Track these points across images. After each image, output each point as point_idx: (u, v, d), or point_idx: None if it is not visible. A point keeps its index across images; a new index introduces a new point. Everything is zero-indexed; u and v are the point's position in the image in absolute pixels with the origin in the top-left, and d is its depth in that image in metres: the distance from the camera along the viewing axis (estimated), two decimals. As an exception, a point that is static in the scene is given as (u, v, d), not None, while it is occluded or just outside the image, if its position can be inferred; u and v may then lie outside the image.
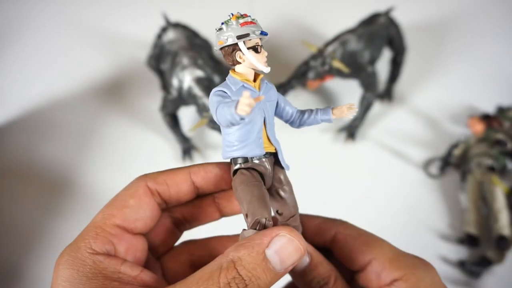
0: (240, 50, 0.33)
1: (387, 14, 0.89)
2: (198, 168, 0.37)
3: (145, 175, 0.36)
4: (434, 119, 0.90)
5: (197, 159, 0.84)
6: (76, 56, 1.07)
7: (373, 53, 0.86)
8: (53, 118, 0.93)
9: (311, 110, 0.37)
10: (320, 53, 0.81)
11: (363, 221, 0.77)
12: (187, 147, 0.84)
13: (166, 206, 0.37)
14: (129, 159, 0.85)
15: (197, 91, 0.75)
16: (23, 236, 0.75)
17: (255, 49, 0.33)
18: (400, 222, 0.75)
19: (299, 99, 0.94)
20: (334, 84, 0.95)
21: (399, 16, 0.92)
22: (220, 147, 0.36)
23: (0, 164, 0.85)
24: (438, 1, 1.16)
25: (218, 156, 0.85)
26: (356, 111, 0.35)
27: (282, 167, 0.36)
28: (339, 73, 0.83)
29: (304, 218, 0.39)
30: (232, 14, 0.34)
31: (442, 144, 0.84)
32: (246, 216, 0.33)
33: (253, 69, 0.35)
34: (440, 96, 0.93)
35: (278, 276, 0.30)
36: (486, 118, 0.84)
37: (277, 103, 0.37)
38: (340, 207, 0.77)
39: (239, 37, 0.33)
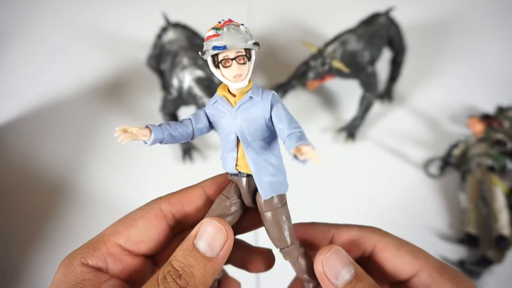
0: None
1: (387, 14, 0.89)
2: (210, 181, 0.37)
3: (160, 198, 0.36)
4: (434, 119, 0.89)
5: (197, 159, 0.84)
6: (76, 56, 1.07)
7: (373, 53, 0.86)
8: (53, 118, 0.93)
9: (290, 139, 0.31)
10: (320, 53, 0.81)
11: (363, 221, 0.77)
12: (187, 147, 0.84)
13: (183, 228, 0.37)
14: (129, 159, 0.85)
15: (197, 91, 0.75)
16: (24, 235, 0.75)
17: (223, 63, 0.31)
18: (400, 221, 0.75)
19: (299, 99, 0.94)
20: (334, 84, 0.95)
21: (399, 16, 0.92)
22: (220, 147, 0.36)
23: (0, 164, 0.86)
24: (438, 1, 1.16)
25: (218, 156, 0.85)
26: (316, 161, 0.28)
27: None
28: (339, 73, 0.83)
29: (337, 229, 0.37)
30: (218, 22, 0.32)
31: (442, 144, 0.84)
32: None
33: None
34: (440, 96, 0.93)
35: (212, 262, 0.31)
36: (486, 118, 0.84)
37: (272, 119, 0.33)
38: (340, 207, 0.77)
39: (201, 54, 0.32)
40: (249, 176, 0.33)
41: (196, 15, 1.03)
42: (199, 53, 0.32)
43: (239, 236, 0.38)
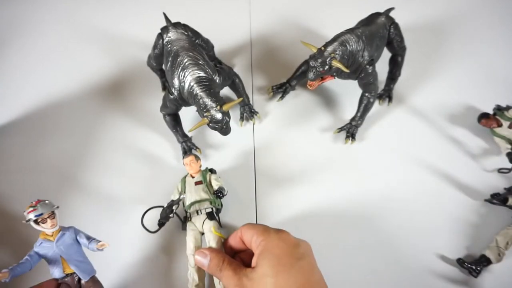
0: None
1: (387, 14, 0.89)
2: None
3: None
4: (434, 119, 0.90)
5: (198, 159, 0.84)
6: (77, 56, 1.07)
7: (373, 53, 0.86)
8: (53, 118, 0.94)
9: (90, 242, 0.62)
10: (320, 53, 0.81)
11: (362, 220, 0.77)
12: (188, 147, 0.84)
13: None
14: (130, 159, 0.85)
15: (198, 90, 0.75)
16: (24, 234, 0.75)
17: (42, 221, 0.60)
18: (399, 221, 0.75)
19: (299, 99, 0.94)
20: (334, 84, 0.95)
21: (399, 16, 0.92)
22: (220, 147, 0.37)
23: (0, 164, 0.86)
24: (438, 1, 1.16)
25: (218, 156, 0.86)
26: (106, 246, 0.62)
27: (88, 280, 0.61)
28: (339, 73, 0.83)
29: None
30: (31, 202, 0.61)
31: (442, 144, 0.84)
32: None
33: None
34: (439, 96, 0.94)
35: None
36: (485, 117, 0.85)
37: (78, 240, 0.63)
38: (339, 207, 0.77)
39: (26, 222, 0.59)
40: (73, 273, 0.61)
41: (196, 15, 1.03)
42: (24, 221, 0.59)
43: None
